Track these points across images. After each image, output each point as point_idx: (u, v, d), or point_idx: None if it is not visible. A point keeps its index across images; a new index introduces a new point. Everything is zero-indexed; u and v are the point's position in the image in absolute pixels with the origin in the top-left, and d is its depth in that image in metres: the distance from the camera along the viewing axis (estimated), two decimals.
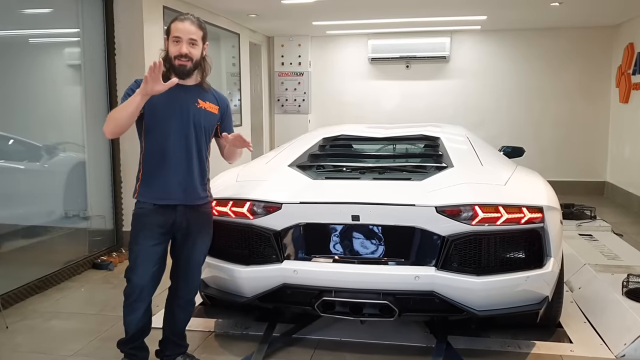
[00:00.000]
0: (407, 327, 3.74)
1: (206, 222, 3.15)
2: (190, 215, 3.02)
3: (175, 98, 2.92)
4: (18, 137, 4.86)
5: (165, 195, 2.95)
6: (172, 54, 2.91)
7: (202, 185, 3.08)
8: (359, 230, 3.30)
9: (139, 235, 2.98)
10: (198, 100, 3.01)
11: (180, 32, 2.90)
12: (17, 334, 3.80)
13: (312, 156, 4.11)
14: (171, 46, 2.92)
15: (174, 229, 3.01)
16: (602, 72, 8.98)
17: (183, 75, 2.93)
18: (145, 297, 3.00)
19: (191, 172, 3.00)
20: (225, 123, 3.18)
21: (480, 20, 8.25)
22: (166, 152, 2.93)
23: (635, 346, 3.30)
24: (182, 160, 2.96)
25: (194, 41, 2.92)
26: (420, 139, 4.46)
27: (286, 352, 3.49)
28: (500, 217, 3.10)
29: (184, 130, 2.95)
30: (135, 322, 3.01)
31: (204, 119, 3.03)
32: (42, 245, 4.98)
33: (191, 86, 3.01)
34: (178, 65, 2.91)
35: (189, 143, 2.97)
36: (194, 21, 2.95)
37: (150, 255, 2.96)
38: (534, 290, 3.23)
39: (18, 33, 4.83)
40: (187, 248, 3.07)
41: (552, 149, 9.22)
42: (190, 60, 2.92)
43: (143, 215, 2.98)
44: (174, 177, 2.95)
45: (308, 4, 6.82)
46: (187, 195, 2.99)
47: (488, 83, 9.42)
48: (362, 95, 9.80)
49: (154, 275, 2.99)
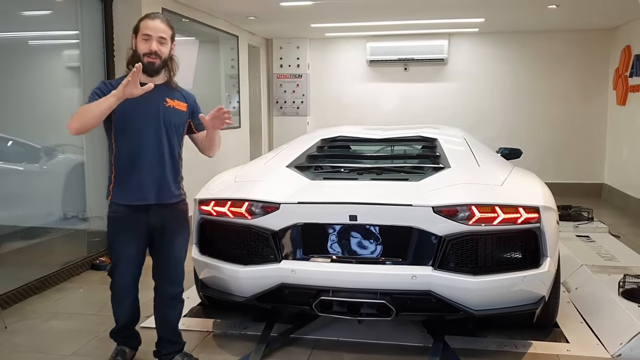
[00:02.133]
0: (404, 326, 3.76)
1: (182, 220, 3.17)
2: (164, 214, 3.06)
3: (144, 97, 2.91)
4: (17, 139, 4.88)
5: (139, 196, 2.99)
6: (141, 52, 2.94)
7: (176, 184, 3.11)
8: (356, 230, 3.31)
9: (117, 238, 3.07)
10: (166, 99, 3.04)
11: (151, 29, 2.93)
12: (16, 334, 3.81)
13: (310, 157, 4.14)
14: (140, 44, 2.94)
15: (149, 228, 3.05)
16: (599, 75, 9.02)
17: (152, 72, 2.97)
18: (130, 291, 3.16)
19: (164, 171, 3.03)
20: (196, 119, 3.18)
21: (478, 23, 8.28)
22: (138, 152, 2.94)
23: (631, 346, 3.32)
24: (155, 159, 2.99)
25: (163, 39, 2.96)
26: (418, 140, 4.48)
27: (284, 352, 3.50)
28: (497, 217, 3.12)
29: (154, 129, 2.98)
30: (124, 314, 3.19)
31: (174, 117, 3.06)
32: (41, 246, 5.00)
33: (159, 85, 3.02)
34: (147, 63, 2.93)
35: (160, 142, 2.99)
36: (163, 20, 2.98)
37: (129, 256, 3.07)
38: (530, 290, 3.25)
39: (17, 35, 4.85)
40: (165, 246, 3.10)
41: (550, 151, 9.25)
42: (159, 57, 2.96)
43: (118, 217, 3.04)
44: (146, 177, 2.98)
45: (306, 7, 6.84)
46: (160, 194, 3.02)
47: (486, 85, 9.45)
48: (360, 98, 9.83)
49: (135, 273, 3.12)
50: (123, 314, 3.20)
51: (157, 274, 3.15)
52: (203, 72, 7.83)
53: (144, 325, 3.66)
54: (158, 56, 2.95)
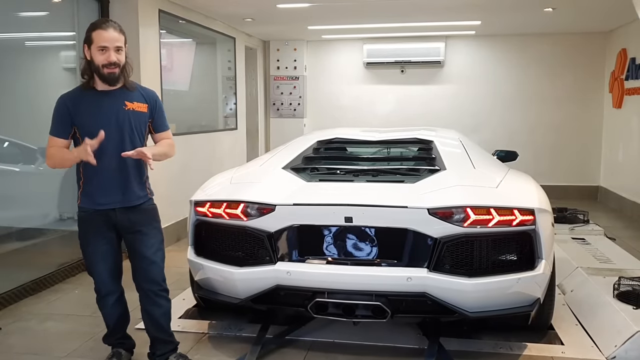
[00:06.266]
0: (399, 328, 3.76)
1: (150, 218, 3.18)
2: (131, 215, 3.10)
3: (102, 106, 2.98)
4: (13, 140, 4.87)
5: (105, 200, 3.05)
6: (99, 63, 2.94)
7: (140, 185, 3.14)
8: (352, 232, 3.31)
9: (88, 239, 3.12)
10: (125, 103, 3.05)
11: (107, 41, 2.93)
12: (11, 335, 3.81)
13: (307, 159, 4.14)
14: (97, 55, 2.93)
15: (117, 226, 3.10)
16: (595, 78, 9.05)
17: (113, 82, 2.99)
18: (112, 289, 3.19)
19: (127, 175, 3.07)
20: (157, 118, 3.20)
21: (474, 26, 8.30)
22: (102, 159, 2.95)
23: (625, 348, 3.33)
24: (117, 165, 3.03)
25: (119, 48, 2.97)
26: (414, 143, 4.49)
27: (279, 353, 3.50)
28: (492, 219, 3.12)
29: (116, 135, 3.00)
30: (111, 314, 3.23)
31: (134, 120, 3.07)
32: (36, 248, 4.99)
33: (116, 90, 3.04)
34: (108, 74, 2.95)
35: (123, 147, 3.01)
36: (116, 27, 2.98)
37: (103, 254, 3.11)
38: (525, 292, 3.25)
39: (14, 36, 4.84)
40: (137, 246, 3.12)
41: (546, 154, 9.28)
42: (118, 66, 2.97)
43: (87, 219, 3.10)
44: (111, 182, 3.04)
45: (303, 9, 6.85)
46: (125, 197, 3.07)
47: (482, 88, 9.47)
48: (357, 100, 9.83)
49: (112, 270, 3.16)
50: (110, 315, 3.22)
51: (134, 274, 3.17)
52: (200, 74, 7.83)
53: (138, 327, 3.66)
54: (117, 65, 2.96)
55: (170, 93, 6.45)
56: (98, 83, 3.00)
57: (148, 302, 3.16)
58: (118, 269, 3.20)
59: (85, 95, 3.02)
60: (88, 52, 2.97)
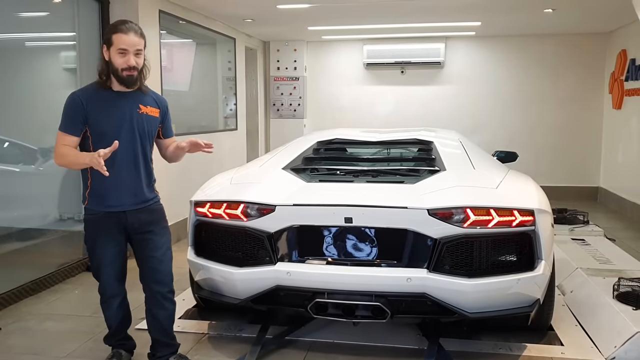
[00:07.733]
0: (399, 329, 3.76)
1: (160, 218, 3.19)
2: (140, 216, 3.09)
3: (117, 107, 2.98)
4: (13, 140, 4.87)
5: (116, 202, 3.03)
6: (119, 66, 2.94)
7: (149, 187, 3.15)
8: (352, 233, 3.32)
9: (96, 241, 3.09)
10: (140, 106, 3.06)
11: (127, 44, 2.93)
12: (11, 335, 3.81)
13: (307, 159, 4.14)
14: (117, 57, 2.93)
15: (126, 228, 3.09)
16: (595, 79, 9.05)
17: (131, 84, 3.00)
18: (117, 292, 3.17)
19: (139, 178, 3.07)
20: (166, 124, 3.23)
21: (474, 26, 8.30)
22: (114, 161, 2.94)
23: (625, 349, 3.33)
24: (130, 167, 3.03)
25: (139, 51, 2.98)
26: (414, 143, 4.49)
27: (279, 354, 3.50)
28: (492, 220, 3.13)
29: (129, 137, 3.00)
30: (114, 316, 3.21)
31: (147, 124, 3.08)
32: (36, 248, 4.98)
33: (131, 92, 3.04)
34: (127, 77, 2.96)
35: (135, 149, 3.02)
36: (137, 31, 2.98)
37: (111, 257, 3.10)
38: (525, 292, 3.25)
39: (14, 36, 4.84)
40: (147, 246, 3.12)
41: (546, 155, 9.28)
42: (136, 70, 2.98)
43: (96, 221, 3.08)
44: (123, 184, 3.02)
45: (303, 9, 6.85)
46: (136, 199, 3.07)
47: (482, 88, 9.47)
48: (357, 100, 9.83)
49: (119, 273, 3.14)
50: (113, 317, 3.21)
51: (142, 275, 3.17)
52: (200, 74, 7.84)
53: (138, 327, 3.66)
54: (136, 69, 2.97)
55: (170, 93, 6.45)
56: (114, 84, 3.00)
57: (155, 304, 3.15)
58: (124, 272, 3.19)
59: (101, 93, 3.01)
60: (107, 53, 2.97)
